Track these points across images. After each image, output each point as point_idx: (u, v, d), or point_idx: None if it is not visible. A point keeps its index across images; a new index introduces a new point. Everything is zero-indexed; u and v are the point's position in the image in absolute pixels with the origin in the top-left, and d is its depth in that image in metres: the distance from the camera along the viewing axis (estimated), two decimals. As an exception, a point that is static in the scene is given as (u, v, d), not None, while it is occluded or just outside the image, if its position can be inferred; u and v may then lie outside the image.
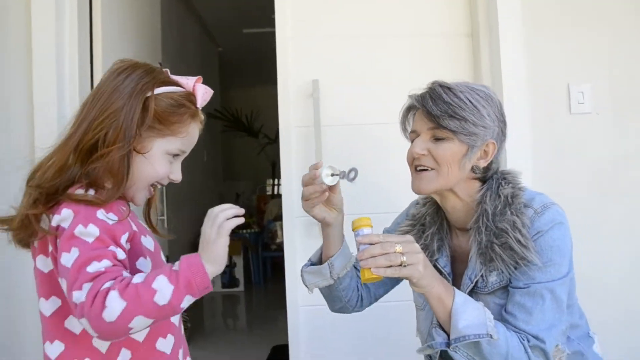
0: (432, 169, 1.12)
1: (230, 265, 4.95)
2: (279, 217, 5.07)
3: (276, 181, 6.80)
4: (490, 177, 1.14)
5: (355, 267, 1.26)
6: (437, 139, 1.11)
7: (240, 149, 7.31)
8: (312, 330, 2.06)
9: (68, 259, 0.79)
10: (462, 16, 2.11)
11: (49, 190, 0.84)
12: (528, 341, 1.03)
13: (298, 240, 2.08)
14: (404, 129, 1.22)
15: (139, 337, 0.88)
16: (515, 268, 1.06)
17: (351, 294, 1.26)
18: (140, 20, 2.63)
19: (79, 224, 0.81)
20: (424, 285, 1.02)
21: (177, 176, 0.95)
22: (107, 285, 0.77)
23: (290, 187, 2.06)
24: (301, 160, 2.05)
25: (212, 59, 6.25)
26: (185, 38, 4.65)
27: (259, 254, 5.31)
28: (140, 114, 0.87)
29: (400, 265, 0.98)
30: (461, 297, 1.04)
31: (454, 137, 1.09)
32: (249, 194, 6.88)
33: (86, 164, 0.86)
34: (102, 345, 0.86)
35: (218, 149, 6.85)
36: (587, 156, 1.95)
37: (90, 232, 0.80)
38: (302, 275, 1.25)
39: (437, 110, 1.09)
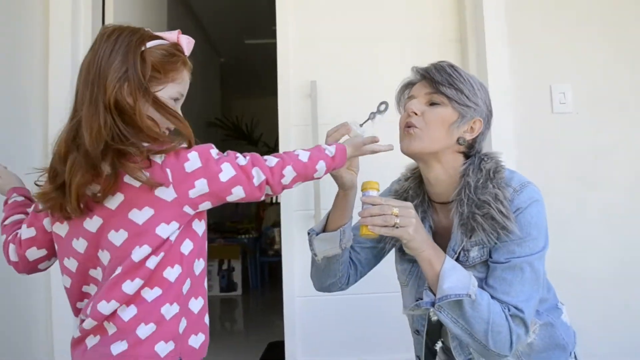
0: (420, 129, 1.19)
1: (229, 269, 5.03)
2: (277, 224, 5.16)
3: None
4: (473, 154, 1.23)
5: (351, 246, 1.32)
6: (432, 104, 1.20)
7: (240, 157, 7.39)
8: (308, 320, 2.14)
9: (227, 172, 0.96)
10: (451, 23, 2.25)
11: (137, 148, 0.92)
12: (509, 310, 1.10)
13: (296, 232, 2.17)
14: (398, 102, 1.30)
15: (197, 268, 1.02)
16: (497, 238, 1.12)
17: (345, 269, 1.32)
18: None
19: (208, 150, 0.97)
20: (414, 247, 1.11)
21: None
22: (273, 160, 1.01)
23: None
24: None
25: (215, 70, 6.38)
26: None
27: (256, 259, 5.37)
28: (141, 66, 0.96)
29: (393, 226, 1.08)
30: (451, 263, 1.12)
31: (448, 103, 1.19)
32: (248, 202, 6.94)
33: (122, 120, 0.93)
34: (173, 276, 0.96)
35: (218, 157, 6.93)
36: (569, 154, 2.05)
37: (216, 150, 0.99)
38: (311, 243, 1.29)
39: (439, 77, 1.19)
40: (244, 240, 5.19)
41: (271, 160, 1.01)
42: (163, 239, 0.94)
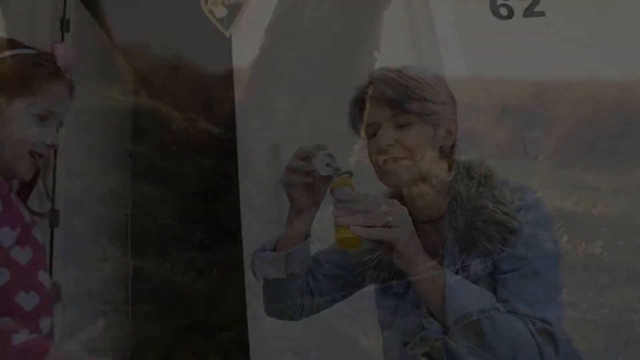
0: (404, 158, 1.02)
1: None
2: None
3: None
4: (453, 158, 1.07)
5: (311, 272, 1.12)
6: (400, 126, 1.03)
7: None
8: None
9: None
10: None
11: None
12: (533, 325, 0.90)
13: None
14: (353, 119, 1.10)
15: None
16: (503, 245, 0.95)
17: (297, 298, 1.10)
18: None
19: None
20: (410, 255, 0.91)
21: (53, 140, 0.89)
22: None
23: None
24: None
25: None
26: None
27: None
28: None
29: (385, 225, 0.87)
30: (454, 277, 0.92)
31: (418, 119, 1.02)
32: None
33: None
34: None
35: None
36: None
37: None
38: (253, 261, 1.08)
39: (396, 94, 1.02)
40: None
41: None
42: None
